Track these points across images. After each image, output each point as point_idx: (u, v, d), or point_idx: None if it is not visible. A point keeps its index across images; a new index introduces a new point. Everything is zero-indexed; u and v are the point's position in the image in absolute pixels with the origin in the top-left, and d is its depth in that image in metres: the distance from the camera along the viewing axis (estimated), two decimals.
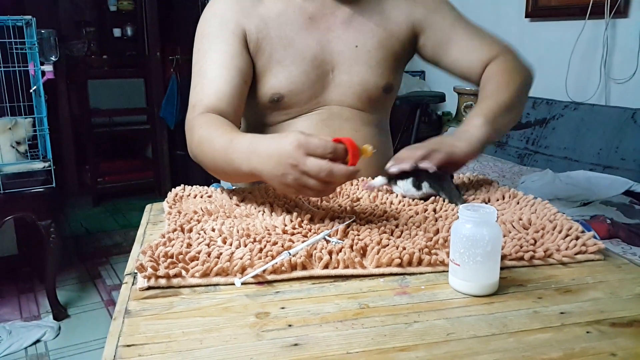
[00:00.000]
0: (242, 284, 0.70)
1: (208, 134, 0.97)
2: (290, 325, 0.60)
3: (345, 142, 0.76)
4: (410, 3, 1.18)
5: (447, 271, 0.70)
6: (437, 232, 0.81)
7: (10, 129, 2.21)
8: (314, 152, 0.75)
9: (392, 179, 0.99)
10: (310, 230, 0.83)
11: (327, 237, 0.79)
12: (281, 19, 1.12)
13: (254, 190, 1.05)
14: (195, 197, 1.03)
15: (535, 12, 2.76)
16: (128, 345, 0.56)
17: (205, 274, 0.70)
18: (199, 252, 0.73)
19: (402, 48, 1.19)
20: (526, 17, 2.80)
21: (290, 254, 0.73)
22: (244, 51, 1.11)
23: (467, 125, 1.04)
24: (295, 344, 0.56)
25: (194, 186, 1.08)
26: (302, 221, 0.86)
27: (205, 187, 1.09)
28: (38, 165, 2.26)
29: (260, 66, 1.13)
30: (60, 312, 2.39)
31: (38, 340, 2.21)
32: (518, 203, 0.96)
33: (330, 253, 0.74)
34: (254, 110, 1.18)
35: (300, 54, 1.12)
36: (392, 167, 0.97)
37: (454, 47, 1.18)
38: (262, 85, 1.14)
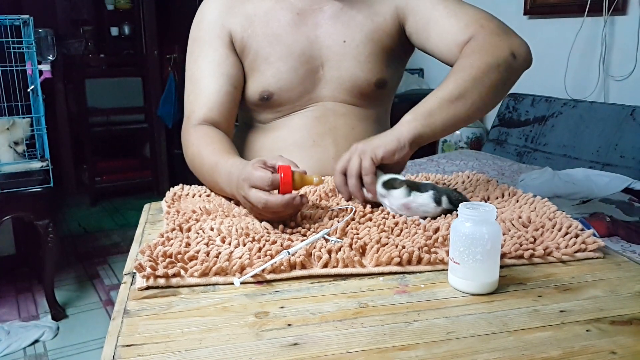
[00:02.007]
0: (241, 283, 0.69)
1: (198, 152, 1.04)
2: (289, 325, 0.60)
3: (282, 172, 0.82)
4: None
5: (447, 270, 0.70)
6: (436, 230, 0.81)
7: (8, 129, 2.21)
8: (256, 185, 0.82)
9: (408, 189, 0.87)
10: (309, 229, 0.82)
11: (326, 236, 0.79)
12: (268, 15, 1.12)
13: None
14: (193, 197, 1.03)
15: (534, 9, 2.76)
16: (127, 345, 0.56)
17: (204, 274, 0.70)
18: (197, 252, 0.73)
19: (392, 41, 1.15)
20: (525, 14, 2.80)
21: (289, 253, 0.72)
22: (231, 54, 1.12)
23: (398, 123, 0.95)
24: (295, 344, 0.56)
25: (193, 185, 1.08)
26: (301, 220, 0.86)
27: (204, 186, 1.09)
28: (36, 164, 2.26)
29: (248, 65, 1.13)
30: (58, 312, 2.39)
31: (37, 341, 2.20)
32: (517, 201, 0.96)
33: (329, 252, 0.74)
34: (247, 110, 1.18)
35: (288, 50, 1.11)
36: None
37: (433, 31, 1.08)
38: (250, 84, 1.14)
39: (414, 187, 0.87)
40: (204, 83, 1.11)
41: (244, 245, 0.76)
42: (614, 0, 2.35)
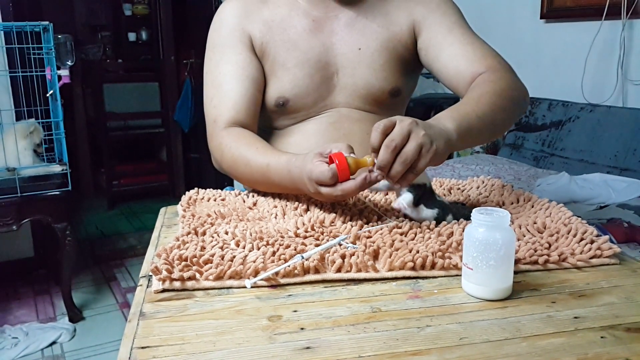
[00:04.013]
0: (255, 287, 0.70)
1: (240, 154, 1.03)
2: (302, 329, 0.60)
3: (335, 161, 0.82)
4: (412, 3, 1.14)
5: (460, 275, 0.70)
6: (450, 235, 0.81)
7: (31, 132, 2.24)
8: (320, 182, 0.83)
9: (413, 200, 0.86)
10: (322, 233, 0.83)
11: (341, 242, 0.79)
12: (285, 22, 1.13)
13: (267, 193, 1.05)
14: (208, 200, 1.04)
15: (551, 13, 2.74)
16: (142, 347, 0.57)
17: (218, 277, 0.71)
18: (212, 255, 0.74)
19: (407, 51, 1.15)
20: (541, 18, 2.78)
21: (303, 258, 0.73)
22: (254, 58, 1.13)
23: (450, 131, 0.86)
24: (307, 347, 0.57)
25: (208, 189, 1.09)
26: (314, 225, 0.86)
27: (219, 190, 1.10)
28: (54, 168, 2.29)
29: (266, 70, 1.14)
30: (75, 314, 2.41)
31: (54, 342, 2.23)
32: (532, 206, 0.95)
33: (343, 257, 0.74)
34: (263, 115, 1.18)
35: (304, 57, 1.11)
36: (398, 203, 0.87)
37: (446, 52, 1.10)
38: (268, 90, 1.14)
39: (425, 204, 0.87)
40: (229, 86, 1.10)
41: (258, 249, 0.76)
42: (633, 3, 2.33)
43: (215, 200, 1.03)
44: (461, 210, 0.88)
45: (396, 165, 0.79)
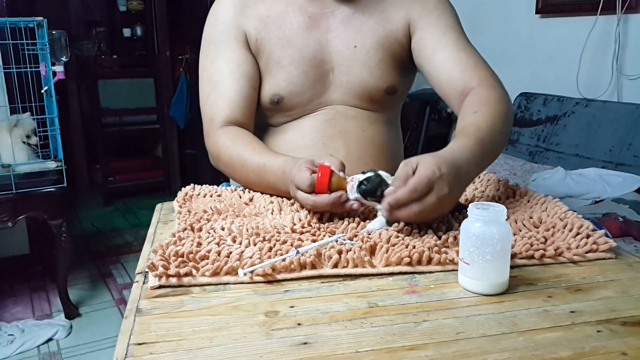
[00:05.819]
0: (252, 282, 0.70)
1: (237, 153, 1.04)
2: (299, 324, 0.60)
3: (319, 173, 0.84)
4: (409, 1, 1.13)
5: (457, 270, 0.70)
6: (446, 230, 0.81)
7: (15, 126, 2.22)
8: (298, 187, 0.86)
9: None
10: (319, 229, 0.83)
11: (337, 239, 0.79)
12: (280, 19, 1.12)
13: None
14: (204, 197, 1.03)
15: (546, 8, 2.74)
16: (139, 344, 0.57)
17: (215, 273, 0.71)
18: (209, 251, 0.74)
19: (403, 49, 1.14)
20: (536, 13, 2.78)
21: (299, 252, 0.73)
22: (249, 55, 1.12)
23: (469, 173, 0.85)
24: (305, 343, 0.57)
25: (204, 185, 1.09)
26: (311, 220, 0.86)
27: (215, 186, 1.09)
28: (50, 165, 2.28)
29: (261, 67, 1.13)
30: (71, 311, 2.41)
31: (50, 339, 2.23)
32: (529, 201, 0.96)
33: (339, 252, 0.74)
34: (258, 112, 1.18)
35: (299, 54, 1.11)
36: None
37: (438, 56, 1.09)
38: (263, 87, 1.14)
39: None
40: (225, 84, 1.11)
41: (255, 244, 0.76)
42: None
43: (211, 196, 1.03)
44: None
45: (406, 211, 0.76)
